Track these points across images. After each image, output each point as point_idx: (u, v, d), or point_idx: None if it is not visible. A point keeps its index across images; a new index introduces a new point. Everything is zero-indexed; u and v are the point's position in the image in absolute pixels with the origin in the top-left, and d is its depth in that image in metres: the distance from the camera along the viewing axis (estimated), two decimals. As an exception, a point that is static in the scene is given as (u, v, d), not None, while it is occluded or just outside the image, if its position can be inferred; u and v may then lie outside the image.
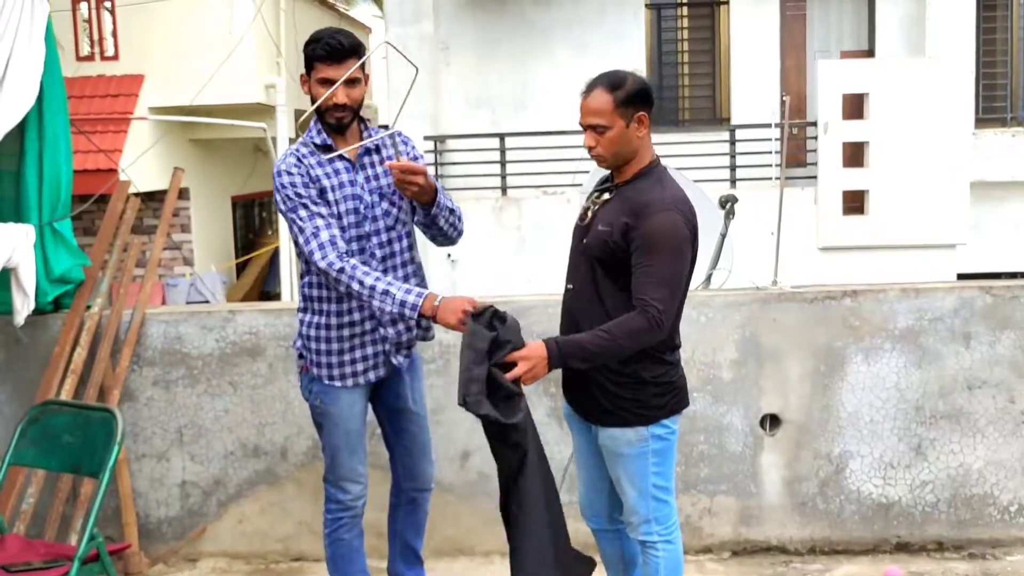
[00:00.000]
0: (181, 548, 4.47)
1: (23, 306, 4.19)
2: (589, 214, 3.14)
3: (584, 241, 3.11)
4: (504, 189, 12.41)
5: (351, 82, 3.24)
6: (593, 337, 2.95)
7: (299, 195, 3.22)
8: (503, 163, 12.45)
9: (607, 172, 3.24)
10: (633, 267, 2.97)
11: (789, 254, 8.78)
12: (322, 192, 3.25)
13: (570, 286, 3.18)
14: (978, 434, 4.30)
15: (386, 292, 3.11)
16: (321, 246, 3.18)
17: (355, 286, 3.13)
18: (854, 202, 11.17)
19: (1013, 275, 11.52)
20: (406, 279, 3.41)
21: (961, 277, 10.68)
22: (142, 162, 9.99)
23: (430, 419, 3.79)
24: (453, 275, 11.37)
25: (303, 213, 3.22)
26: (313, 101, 3.27)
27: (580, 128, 3.10)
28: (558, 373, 3.21)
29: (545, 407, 4.31)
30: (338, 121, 3.27)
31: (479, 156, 12.50)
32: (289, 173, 3.24)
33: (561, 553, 3.15)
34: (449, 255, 11.31)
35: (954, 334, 4.28)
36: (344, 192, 3.29)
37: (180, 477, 4.48)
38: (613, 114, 3.00)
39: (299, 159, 3.28)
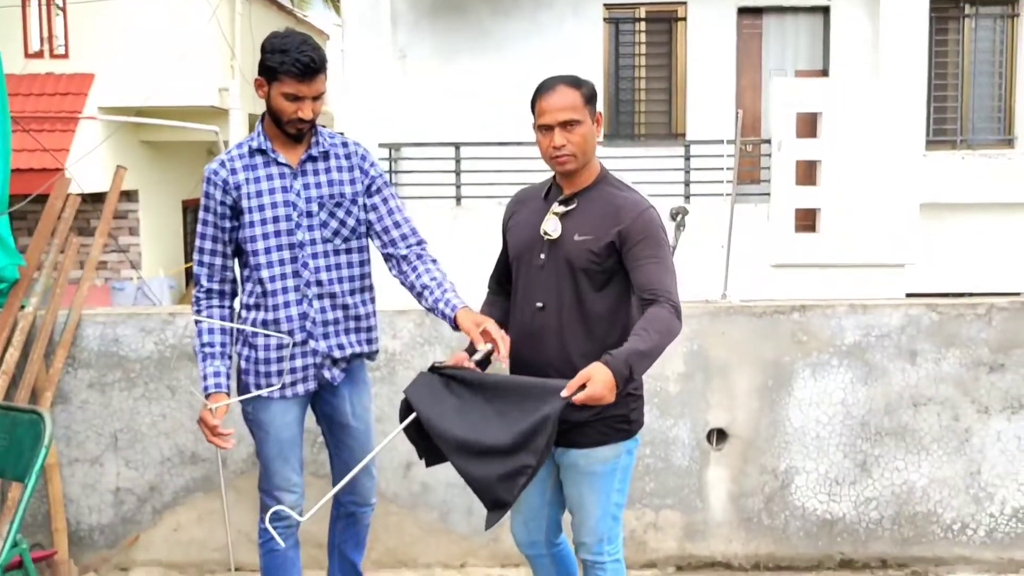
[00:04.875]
0: (113, 556, 4.34)
1: (-47, 304, 4.05)
2: (552, 228, 3.00)
3: (558, 255, 2.98)
4: (459, 199, 12.35)
5: (316, 97, 3.18)
6: (641, 341, 2.75)
7: (206, 207, 3.25)
8: (458, 172, 12.40)
9: (531, 187, 3.16)
10: (636, 262, 2.89)
11: (741, 270, 8.81)
12: (248, 198, 3.20)
13: (539, 304, 3.01)
14: (923, 451, 4.31)
15: (204, 358, 3.24)
16: (197, 276, 3.32)
17: (196, 330, 3.30)
18: (806, 220, 11.26)
19: (960, 295, 11.67)
20: (351, 295, 3.33)
21: (910, 296, 10.80)
22: (91, 163, 9.80)
23: (374, 428, 3.70)
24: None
25: (199, 228, 3.31)
26: (271, 111, 3.20)
27: (541, 132, 2.96)
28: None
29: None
30: (299, 132, 3.22)
31: (434, 165, 12.43)
32: (208, 180, 3.24)
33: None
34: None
35: (900, 351, 4.29)
36: (275, 198, 3.22)
37: (114, 483, 4.35)
38: (584, 109, 2.93)
39: (223, 163, 3.24)
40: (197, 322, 3.26)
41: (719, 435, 4.33)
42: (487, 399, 2.87)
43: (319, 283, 3.27)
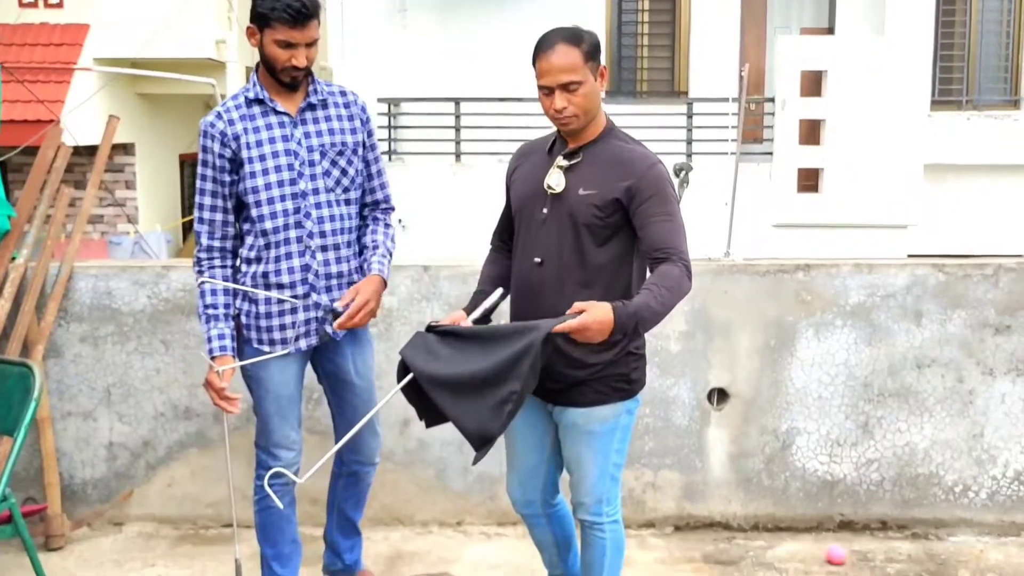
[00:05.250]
0: (107, 511, 4.31)
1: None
2: (556, 182, 2.91)
3: (561, 210, 2.89)
4: (458, 155, 12.22)
5: (309, 43, 3.10)
6: (652, 298, 2.67)
7: (204, 162, 3.16)
8: (458, 128, 12.26)
9: (536, 140, 3.08)
10: (645, 220, 2.80)
11: (742, 230, 8.73)
12: (247, 149, 3.11)
13: (537, 260, 2.93)
14: (925, 413, 4.26)
15: (208, 320, 3.16)
16: (198, 234, 3.21)
17: (199, 291, 3.19)
18: (808, 180, 11.14)
19: (963, 257, 11.59)
20: (349, 246, 3.27)
21: (913, 257, 10.72)
22: (87, 115, 9.66)
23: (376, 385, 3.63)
24: (405, 240, 11.18)
25: (198, 184, 3.20)
26: (265, 59, 3.13)
27: (542, 92, 2.85)
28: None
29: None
30: (293, 80, 3.14)
31: (434, 120, 12.29)
32: (205, 134, 3.15)
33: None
34: (400, 220, 11.12)
35: (905, 311, 4.22)
36: (276, 147, 3.14)
37: (107, 438, 4.31)
38: (584, 68, 2.81)
39: (220, 114, 3.15)
40: (200, 283, 3.18)
41: (720, 395, 4.28)
42: (480, 345, 2.80)
43: (322, 234, 3.20)
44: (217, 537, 4.25)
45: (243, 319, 3.22)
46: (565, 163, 2.93)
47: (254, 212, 3.14)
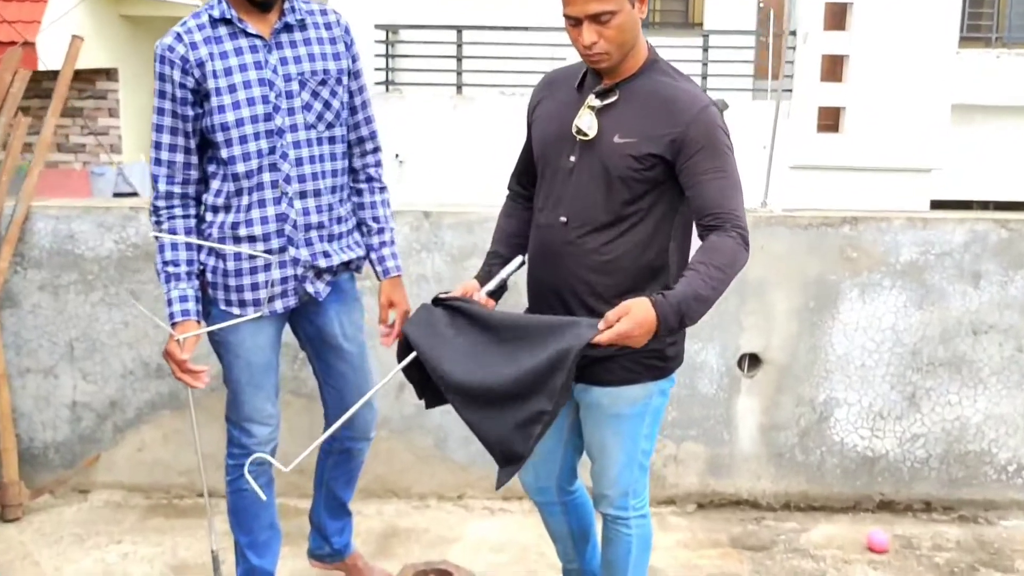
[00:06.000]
0: (71, 477, 3.90)
1: None
2: (587, 125, 2.43)
3: (592, 159, 2.43)
4: (460, 87, 11.70)
5: None
6: (700, 281, 2.25)
7: (162, 93, 2.67)
8: (460, 58, 11.74)
9: (565, 68, 2.60)
10: (695, 177, 2.35)
11: (756, 172, 8.25)
12: (213, 77, 2.62)
13: (563, 219, 2.47)
14: (980, 384, 3.83)
15: (168, 279, 2.70)
16: (155, 178, 2.72)
17: (157, 245, 2.72)
18: (829, 119, 10.64)
19: (985, 204, 11.13)
20: (334, 192, 2.80)
21: (935, 204, 10.26)
22: (64, 37, 9.08)
23: (368, 350, 3.18)
24: (401, 176, 10.69)
25: (154, 119, 2.71)
26: None
27: (568, 23, 2.37)
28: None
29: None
30: None
31: (434, 50, 11.75)
32: (161, 59, 2.65)
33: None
34: (397, 155, 10.62)
35: (962, 272, 3.78)
36: (247, 76, 2.65)
37: (70, 397, 3.88)
38: None
39: (179, 36, 2.65)
40: (158, 236, 2.71)
41: (752, 361, 3.86)
42: (498, 339, 2.36)
43: (301, 178, 2.73)
44: (192, 508, 3.85)
45: (209, 277, 2.75)
46: (598, 103, 2.44)
47: (223, 152, 2.66)
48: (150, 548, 3.56)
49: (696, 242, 2.47)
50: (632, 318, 2.20)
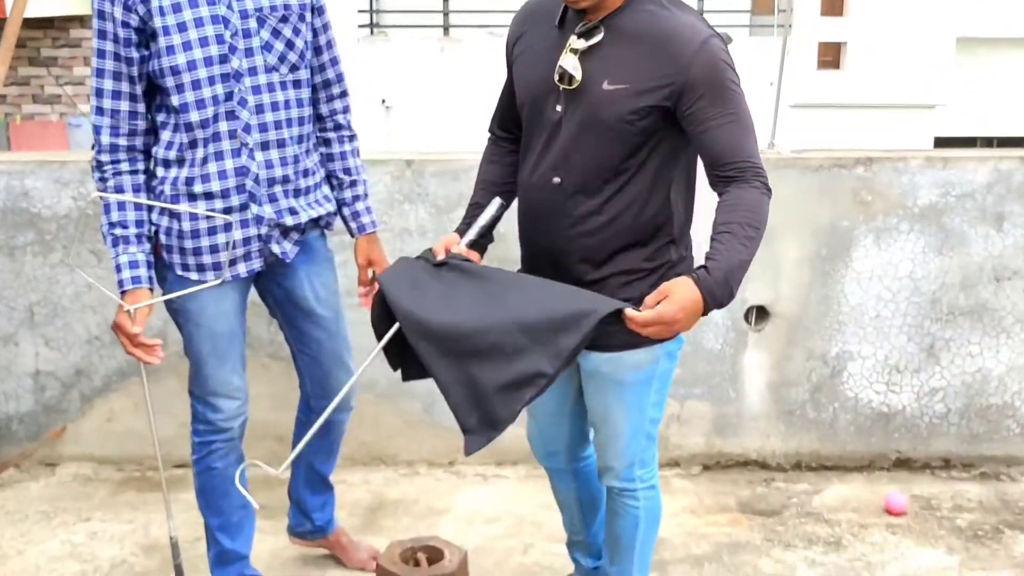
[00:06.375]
0: (36, 451, 3.68)
1: None
2: (570, 67, 2.13)
3: (579, 108, 2.15)
4: (447, 28, 11.35)
5: None
6: (737, 244, 2.00)
7: (102, 33, 2.36)
8: (446, -1, 11.42)
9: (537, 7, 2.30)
10: (703, 124, 2.08)
11: (760, 111, 7.97)
12: (160, 15, 2.33)
13: (556, 180, 2.20)
14: (1003, 334, 3.60)
15: (115, 243, 2.43)
16: (97, 129, 2.44)
17: (104, 206, 2.45)
18: (829, 55, 10.31)
19: (990, 141, 10.85)
20: (300, 142, 2.52)
21: (939, 141, 9.99)
22: (33, -18, 8.71)
23: (343, 303, 2.93)
24: (387, 122, 10.36)
25: (94, 62, 2.40)
26: None
27: None
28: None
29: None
30: None
31: (420, -10, 11.41)
32: None
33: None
34: (383, 100, 10.29)
35: (985, 214, 3.53)
36: (199, 12, 2.35)
37: (32, 365, 3.64)
38: None
39: None
40: (102, 195, 2.44)
41: (759, 313, 3.62)
42: (496, 291, 2.10)
43: (263, 127, 2.45)
44: (167, 480, 3.60)
45: (163, 239, 2.48)
46: (582, 44, 2.15)
47: (174, 100, 2.38)
48: (120, 525, 3.34)
49: (701, 178, 2.22)
50: (674, 301, 1.95)
